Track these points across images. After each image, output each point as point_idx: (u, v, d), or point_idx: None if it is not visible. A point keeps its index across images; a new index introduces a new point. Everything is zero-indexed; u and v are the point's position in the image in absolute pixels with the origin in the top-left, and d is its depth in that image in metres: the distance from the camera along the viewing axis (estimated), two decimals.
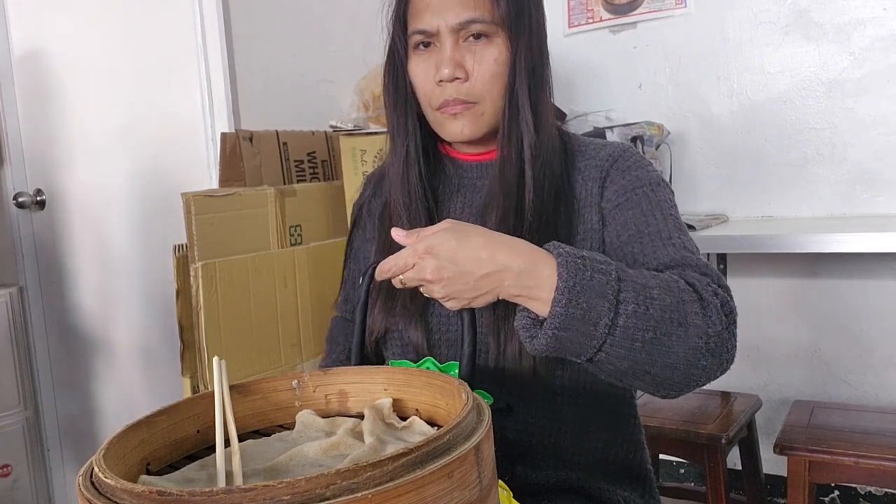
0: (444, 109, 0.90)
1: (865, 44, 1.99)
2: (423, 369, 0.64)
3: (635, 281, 0.72)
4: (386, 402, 0.64)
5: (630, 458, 0.96)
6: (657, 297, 0.71)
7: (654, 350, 0.71)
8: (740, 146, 2.17)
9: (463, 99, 0.89)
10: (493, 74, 0.89)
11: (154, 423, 0.59)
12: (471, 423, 0.50)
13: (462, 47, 0.89)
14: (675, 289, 0.74)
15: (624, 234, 0.88)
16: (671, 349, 0.72)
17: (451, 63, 0.87)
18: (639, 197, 0.89)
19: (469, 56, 0.89)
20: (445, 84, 0.89)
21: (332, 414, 0.68)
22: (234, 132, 1.67)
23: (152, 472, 0.58)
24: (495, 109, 0.91)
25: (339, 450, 0.57)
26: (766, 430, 2.04)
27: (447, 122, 0.91)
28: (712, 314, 0.73)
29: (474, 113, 0.90)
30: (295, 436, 0.64)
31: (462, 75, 0.88)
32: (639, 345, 0.70)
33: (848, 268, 2.04)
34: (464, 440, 0.47)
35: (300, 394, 0.68)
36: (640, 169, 0.92)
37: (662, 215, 0.88)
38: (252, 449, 0.61)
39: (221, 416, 0.56)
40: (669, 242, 0.85)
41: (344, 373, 0.68)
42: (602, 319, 0.69)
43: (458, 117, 0.90)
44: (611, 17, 2.30)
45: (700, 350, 0.72)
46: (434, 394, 0.62)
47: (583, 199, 0.92)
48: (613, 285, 0.70)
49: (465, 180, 0.99)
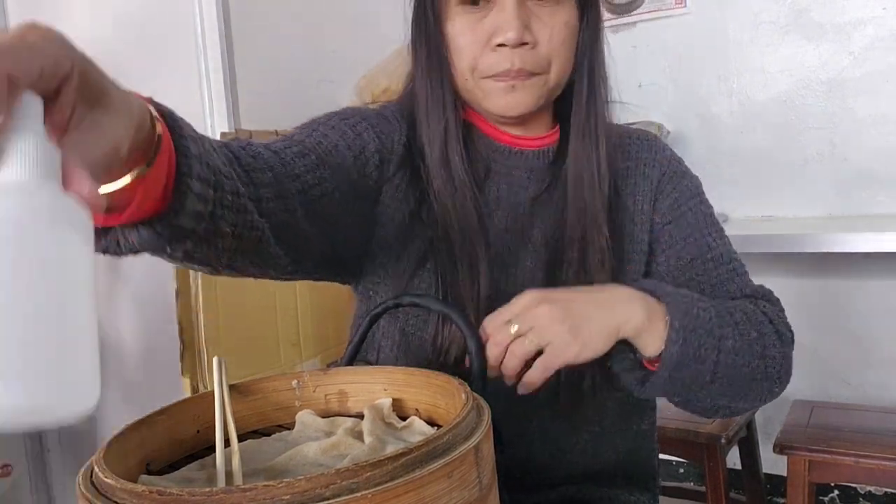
0: (501, 78, 0.76)
1: (865, 43, 1.99)
2: (424, 370, 0.64)
3: (727, 316, 0.71)
4: (385, 401, 0.64)
5: (644, 462, 0.93)
6: (745, 333, 0.71)
7: (745, 384, 0.72)
8: (740, 146, 2.17)
9: (528, 68, 0.75)
10: (564, 40, 0.76)
11: (154, 422, 0.59)
12: (470, 422, 0.49)
13: (527, 5, 0.75)
14: (756, 321, 0.74)
15: (684, 258, 0.82)
16: (757, 381, 0.72)
17: (518, 25, 0.73)
18: (693, 213, 0.84)
19: (536, 18, 0.75)
20: (507, 49, 0.74)
21: (331, 414, 0.67)
22: (234, 132, 1.67)
23: (152, 472, 0.58)
24: (559, 83, 0.79)
25: (339, 450, 0.57)
26: (766, 429, 2.04)
27: (502, 93, 0.76)
28: (787, 345, 0.75)
29: (536, 84, 0.76)
30: (295, 436, 0.64)
31: (531, 39, 0.74)
32: (736, 381, 0.71)
33: (848, 268, 2.04)
34: (463, 440, 0.47)
35: (300, 394, 0.68)
36: (686, 177, 0.87)
37: (718, 234, 0.84)
38: (252, 449, 0.61)
39: (221, 416, 0.56)
40: (732, 269, 0.82)
41: (344, 373, 0.68)
42: (710, 356, 0.67)
43: (518, 88, 0.76)
44: (611, 17, 2.30)
45: (776, 379, 0.74)
46: (434, 394, 0.62)
47: (632, 212, 0.83)
48: (714, 321, 0.69)
49: (500, 168, 0.83)
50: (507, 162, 0.83)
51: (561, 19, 0.76)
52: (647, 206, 0.83)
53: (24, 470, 2.31)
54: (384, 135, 0.80)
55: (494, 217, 0.81)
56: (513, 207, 0.82)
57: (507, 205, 0.82)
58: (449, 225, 0.77)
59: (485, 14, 0.75)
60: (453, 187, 0.78)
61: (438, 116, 0.79)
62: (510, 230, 0.81)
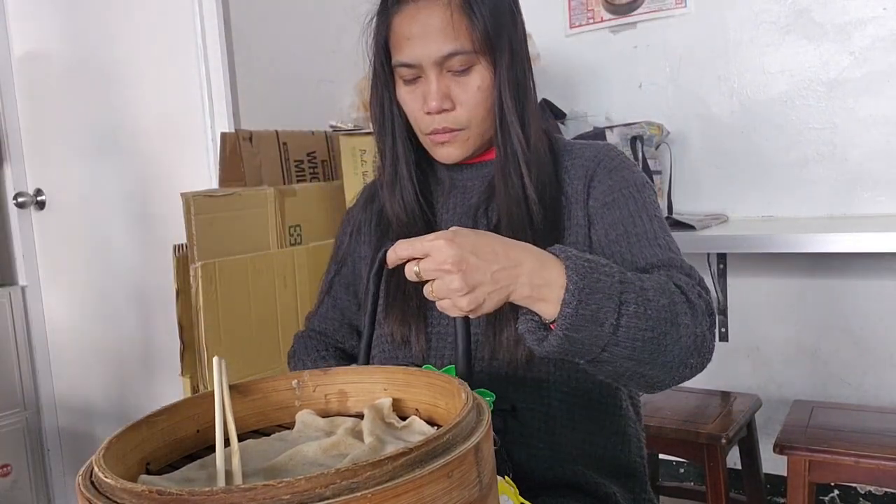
0: (434, 137, 0.95)
1: (866, 44, 1.99)
2: (424, 369, 0.64)
3: (634, 283, 0.74)
4: (386, 401, 0.64)
5: (617, 452, 0.96)
6: (653, 299, 0.74)
7: (652, 349, 0.74)
8: (740, 146, 2.17)
9: (451, 127, 0.94)
10: (478, 101, 0.93)
11: (154, 422, 0.59)
12: (470, 422, 0.49)
13: (446, 77, 0.92)
14: (668, 290, 0.76)
15: (612, 233, 0.91)
16: (666, 348, 0.75)
17: (437, 96, 0.91)
18: (625, 197, 0.93)
19: (454, 86, 0.92)
20: (433, 115, 0.93)
21: (331, 413, 0.68)
22: (234, 132, 1.67)
23: (152, 472, 0.58)
24: (482, 130, 0.96)
25: (339, 449, 0.57)
26: (766, 429, 2.04)
27: (437, 148, 0.97)
28: (699, 315, 0.78)
29: (461, 138, 0.95)
30: (295, 435, 0.64)
31: (449, 106, 0.92)
32: (639, 344, 0.72)
33: (848, 268, 2.04)
34: (463, 440, 0.47)
35: (300, 393, 0.68)
36: (625, 170, 0.96)
37: (648, 216, 0.92)
38: (252, 448, 0.61)
39: (221, 416, 0.56)
40: (656, 243, 0.89)
41: (344, 373, 0.68)
42: (608, 320, 0.70)
43: (447, 144, 0.95)
44: (611, 18, 2.30)
45: (689, 349, 0.77)
46: (434, 394, 0.62)
47: (570, 196, 0.96)
48: (617, 286, 0.71)
49: (457, 181, 1.03)
50: (461, 176, 1.02)
51: (474, 84, 0.92)
52: (582, 189, 0.95)
53: (24, 470, 2.31)
54: (353, 224, 1.09)
55: (453, 221, 0.99)
56: (468, 210, 0.99)
57: (464, 210, 1.00)
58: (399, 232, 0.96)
59: (418, 86, 0.94)
60: (406, 215, 0.99)
61: (392, 162, 1.00)
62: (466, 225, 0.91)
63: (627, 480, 0.97)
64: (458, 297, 0.69)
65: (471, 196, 1.01)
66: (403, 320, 0.94)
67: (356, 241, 1.09)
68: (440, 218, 1.02)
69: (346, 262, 1.09)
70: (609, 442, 0.95)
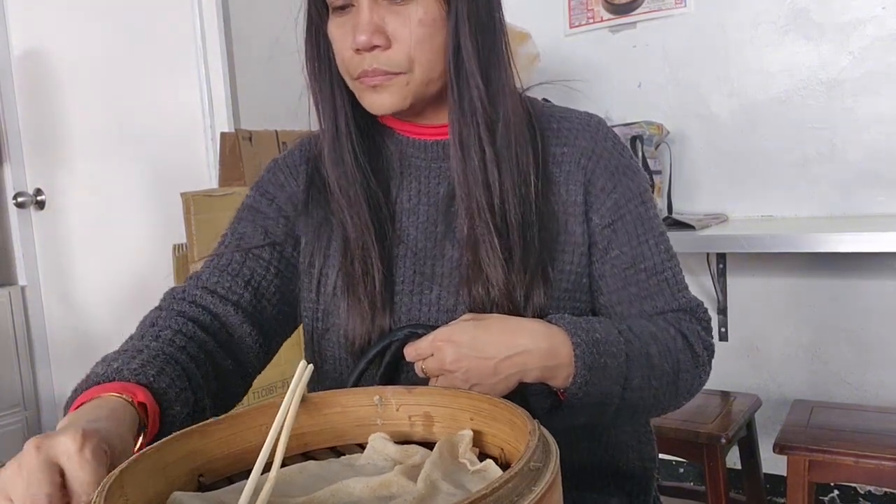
0: (363, 80, 0.77)
1: (865, 43, 1.99)
2: (509, 403, 0.56)
3: (640, 357, 0.76)
4: (466, 435, 0.57)
5: (617, 464, 0.90)
6: (657, 366, 0.77)
7: (648, 406, 0.79)
8: (740, 146, 2.17)
9: (384, 69, 0.75)
10: (420, 38, 0.75)
11: (208, 432, 0.56)
12: (533, 472, 0.43)
13: (381, 5, 0.75)
14: (673, 350, 0.79)
15: (618, 264, 0.82)
16: (661, 403, 0.79)
17: (367, 28, 0.74)
18: (632, 216, 0.83)
19: (391, 18, 0.75)
20: (364, 52, 0.75)
21: (415, 437, 0.62)
22: (234, 132, 1.67)
23: (205, 485, 0.55)
24: (429, 78, 0.77)
25: (389, 489, 0.52)
26: (766, 429, 2.04)
27: (366, 93, 0.78)
28: (700, 366, 0.81)
29: (397, 84, 0.77)
30: (363, 462, 0.58)
31: (382, 42, 0.75)
32: (638, 407, 0.77)
33: (848, 268, 2.04)
34: (519, 496, 0.41)
35: (382, 411, 0.63)
36: (626, 171, 0.84)
37: (655, 240, 0.84)
38: (307, 472, 0.56)
39: (275, 434, 0.52)
40: (664, 279, 0.84)
41: (428, 393, 0.63)
42: (614, 401, 0.74)
43: (379, 89, 0.77)
44: (611, 17, 2.30)
45: (684, 397, 0.81)
46: (517, 433, 0.54)
47: (564, 202, 0.82)
48: (623, 369, 0.74)
49: (409, 161, 0.86)
50: (414, 155, 0.85)
51: (416, 16, 0.74)
52: (581, 199, 0.82)
53: None
54: (279, 209, 0.88)
55: (419, 211, 0.84)
56: (430, 202, 0.84)
57: (427, 201, 0.84)
58: (346, 221, 0.82)
59: (349, 18, 0.76)
60: (346, 181, 0.82)
61: (330, 115, 0.82)
62: (436, 222, 0.83)
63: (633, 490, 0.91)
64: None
65: (434, 182, 0.84)
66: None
67: (296, 223, 0.88)
68: (400, 207, 0.85)
69: (285, 246, 0.88)
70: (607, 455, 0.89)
